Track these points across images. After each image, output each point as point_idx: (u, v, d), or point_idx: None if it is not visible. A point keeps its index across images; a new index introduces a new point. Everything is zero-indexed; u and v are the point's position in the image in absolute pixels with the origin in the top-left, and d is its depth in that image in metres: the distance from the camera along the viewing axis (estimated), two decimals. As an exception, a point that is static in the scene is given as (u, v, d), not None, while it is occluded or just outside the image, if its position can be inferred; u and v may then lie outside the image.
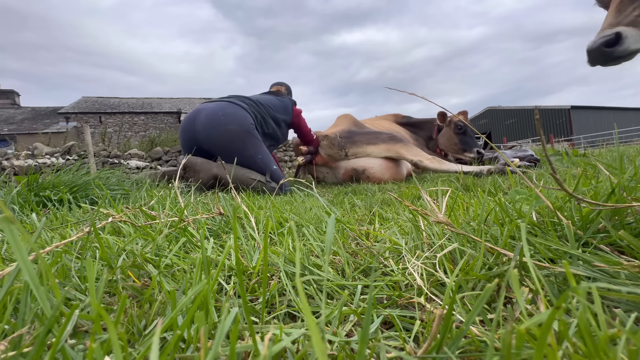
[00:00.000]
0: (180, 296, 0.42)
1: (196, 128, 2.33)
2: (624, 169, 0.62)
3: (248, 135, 2.28)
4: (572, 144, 12.77)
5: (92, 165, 2.57)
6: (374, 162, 2.71)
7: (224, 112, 2.31)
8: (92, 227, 0.54)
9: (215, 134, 2.27)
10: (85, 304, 0.39)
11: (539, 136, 0.47)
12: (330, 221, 0.38)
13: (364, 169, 2.71)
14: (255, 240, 0.66)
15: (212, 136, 2.28)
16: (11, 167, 4.59)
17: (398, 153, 2.67)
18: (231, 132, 2.25)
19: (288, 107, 2.75)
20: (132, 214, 0.86)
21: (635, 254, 0.43)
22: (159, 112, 21.60)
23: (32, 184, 1.37)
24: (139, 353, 0.28)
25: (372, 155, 2.73)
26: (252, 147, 2.29)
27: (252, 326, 0.28)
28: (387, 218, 0.94)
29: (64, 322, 0.28)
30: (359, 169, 2.72)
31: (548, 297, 0.37)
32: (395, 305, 0.41)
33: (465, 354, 0.30)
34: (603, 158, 2.13)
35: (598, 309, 0.26)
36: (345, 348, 0.31)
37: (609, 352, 0.23)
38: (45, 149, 5.44)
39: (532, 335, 0.28)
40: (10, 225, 0.28)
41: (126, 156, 5.82)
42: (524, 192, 0.64)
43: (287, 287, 0.44)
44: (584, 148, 6.79)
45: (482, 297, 0.27)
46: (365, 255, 0.57)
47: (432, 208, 0.61)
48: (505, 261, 0.45)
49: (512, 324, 0.20)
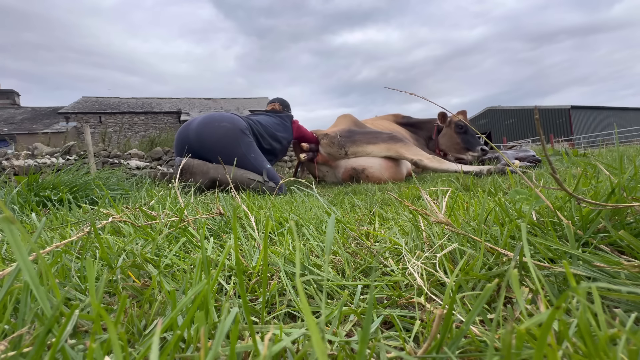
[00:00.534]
0: (180, 296, 0.42)
1: (190, 129, 2.35)
2: (624, 169, 0.62)
3: (241, 134, 2.29)
4: (572, 144, 12.77)
5: (92, 165, 2.57)
6: (374, 161, 2.71)
7: (220, 114, 2.35)
8: (92, 227, 0.54)
9: (207, 132, 2.27)
10: (85, 304, 0.39)
11: (539, 136, 0.47)
12: (330, 221, 0.38)
13: (363, 168, 2.70)
14: (255, 240, 0.66)
15: (204, 134, 2.28)
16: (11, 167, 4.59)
17: (398, 152, 2.67)
18: (224, 129, 2.26)
19: (287, 125, 2.78)
20: (132, 214, 0.86)
21: (635, 254, 0.43)
22: (159, 112, 21.61)
23: (32, 184, 1.37)
24: (139, 353, 0.28)
25: (372, 155, 2.72)
26: (245, 145, 2.30)
27: (252, 326, 0.28)
28: (387, 218, 0.94)
29: (64, 322, 0.28)
30: (358, 168, 2.72)
31: (548, 297, 0.37)
32: (395, 305, 0.41)
33: (465, 353, 0.30)
34: (603, 158, 2.13)
35: (598, 308, 0.26)
36: (345, 348, 0.31)
37: (609, 352, 0.23)
38: (45, 149, 5.44)
39: (532, 335, 0.28)
40: (10, 225, 0.28)
41: (126, 156, 5.82)
42: (524, 192, 0.64)
43: (287, 287, 0.44)
44: (584, 148, 6.79)
45: (482, 297, 0.27)
46: (365, 255, 0.57)
47: (432, 208, 0.61)
48: (505, 261, 0.45)
49: (512, 324, 0.20)
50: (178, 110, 21.96)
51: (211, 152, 2.27)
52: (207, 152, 2.29)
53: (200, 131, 2.29)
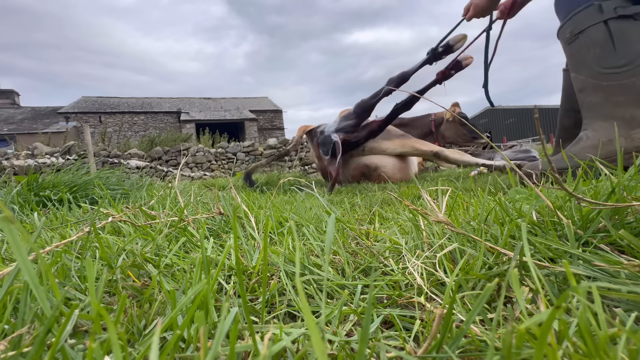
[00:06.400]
0: (180, 296, 0.42)
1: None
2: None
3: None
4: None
5: (92, 165, 2.57)
6: (387, 161, 2.60)
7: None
8: (92, 226, 0.54)
9: None
10: (85, 303, 0.39)
11: (539, 135, 0.47)
12: (330, 221, 0.38)
13: (376, 166, 2.59)
14: (255, 240, 0.65)
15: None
16: (11, 166, 4.59)
17: (414, 147, 2.56)
18: None
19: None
20: (132, 213, 0.86)
21: (636, 253, 0.42)
22: (159, 112, 21.62)
23: (32, 183, 1.37)
24: (138, 353, 0.28)
25: (387, 152, 2.61)
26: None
27: (252, 326, 0.28)
28: (387, 218, 0.94)
29: (63, 322, 0.28)
30: (371, 165, 2.60)
31: (548, 296, 0.37)
32: (395, 305, 0.41)
33: (465, 353, 0.30)
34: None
35: (598, 308, 0.26)
36: (345, 348, 0.31)
37: (609, 351, 0.23)
38: (45, 148, 5.44)
39: (532, 335, 0.27)
40: (10, 225, 0.28)
41: (126, 156, 5.82)
42: (524, 192, 0.64)
43: (287, 287, 0.44)
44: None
45: (482, 297, 0.27)
46: (365, 254, 0.57)
47: (432, 207, 0.61)
48: (506, 260, 0.45)
49: (512, 324, 0.20)
50: (178, 110, 21.96)
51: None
52: None
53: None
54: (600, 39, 1.25)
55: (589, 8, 1.28)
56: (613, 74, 1.21)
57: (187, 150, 6.72)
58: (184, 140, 9.11)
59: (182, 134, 10.33)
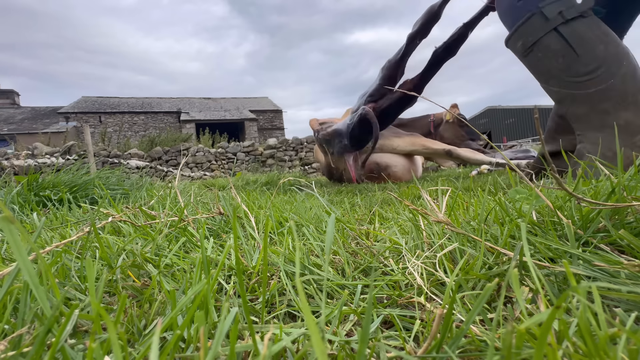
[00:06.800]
0: (180, 296, 0.42)
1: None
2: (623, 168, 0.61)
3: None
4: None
5: (92, 165, 2.57)
6: (398, 160, 2.59)
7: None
8: (92, 226, 0.54)
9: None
10: (85, 303, 0.39)
11: (539, 135, 0.47)
12: (330, 221, 0.38)
13: (387, 165, 2.56)
14: (255, 240, 0.65)
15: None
16: (11, 166, 4.59)
17: (425, 146, 2.55)
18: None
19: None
20: (132, 213, 0.86)
21: (636, 253, 0.42)
22: (159, 112, 21.62)
23: (32, 183, 1.37)
24: (138, 353, 0.28)
25: (397, 149, 2.59)
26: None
27: (252, 326, 0.28)
28: (387, 217, 0.94)
29: (63, 322, 0.28)
30: (382, 164, 2.56)
31: (548, 296, 0.37)
32: (395, 305, 0.41)
33: (465, 353, 0.30)
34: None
35: (598, 308, 0.26)
36: (345, 348, 0.31)
37: (609, 351, 0.23)
38: (45, 148, 5.44)
39: (532, 335, 0.27)
40: (10, 225, 0.28)
41: (126, 156, 5.83)
42: (524, 192, 0.64)
43: (287, 287, 0.44)
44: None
45: (482, 297, 0.27)
46: (365, 254, 0.57)
47: (432, 207, 0.61)
48: (506, 260, 0.45)
49: (512, 324, 0.20)
50: (178, 110, 21.96)
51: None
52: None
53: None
54: (559, 49, 1.17)
55: (532, 18, 1.21)
56: (587, 81, 1.14)
57: (187, 150, 6.73)
58: (184, 140, 9.12)
59: (182, 134, 10.35)
